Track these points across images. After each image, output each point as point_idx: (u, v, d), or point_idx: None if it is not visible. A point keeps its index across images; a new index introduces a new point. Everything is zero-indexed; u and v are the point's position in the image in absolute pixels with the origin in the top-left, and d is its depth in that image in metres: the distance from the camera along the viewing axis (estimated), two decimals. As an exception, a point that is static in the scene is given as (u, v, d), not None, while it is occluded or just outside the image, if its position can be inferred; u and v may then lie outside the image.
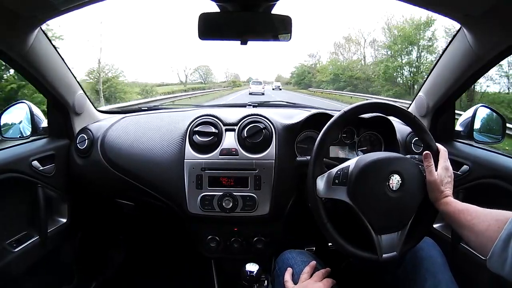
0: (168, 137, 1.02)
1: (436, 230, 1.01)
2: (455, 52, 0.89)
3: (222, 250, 1.02)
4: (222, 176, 0.95)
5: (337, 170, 0.67)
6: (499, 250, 0.52)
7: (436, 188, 0.65)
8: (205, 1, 0.80)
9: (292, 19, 0.84)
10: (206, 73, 39.23)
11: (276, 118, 1.03)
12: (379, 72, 18.49)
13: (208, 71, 39.81)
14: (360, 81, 21.15)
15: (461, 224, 0.60)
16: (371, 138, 1.06)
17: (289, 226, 1.02)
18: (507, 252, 0.51)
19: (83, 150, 1.06)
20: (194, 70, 38.18)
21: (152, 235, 1.46)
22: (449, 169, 0.67)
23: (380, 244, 0.64)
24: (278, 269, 0.80)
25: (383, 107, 0.73)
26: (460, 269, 0.79)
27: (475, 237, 0.57)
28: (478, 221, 0.57)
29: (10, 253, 0.89)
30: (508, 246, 0.51)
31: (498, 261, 0.52)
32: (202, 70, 39.35)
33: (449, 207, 0.62)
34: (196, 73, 38.54)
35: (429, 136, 0.70)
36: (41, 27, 0.85)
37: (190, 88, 25.42)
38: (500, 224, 0.53)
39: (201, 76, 38.99)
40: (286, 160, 0.96)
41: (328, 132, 0.69)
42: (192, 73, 37.88)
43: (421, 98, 1.09)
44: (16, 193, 0.94)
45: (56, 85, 0.99)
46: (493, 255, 0.53)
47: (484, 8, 0.68)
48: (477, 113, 0.98)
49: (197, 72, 38.55)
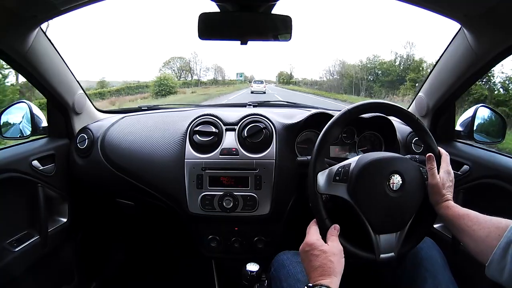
0: (168, 137, 1.02)
1: (436, 230, 1.01)
2: (455, 52, 0.89)
3: (223, 249, 1.02)
4: (223, 175, 0.95)
5: (338, 167, 0.68)
6: (498, 258, 0.52)
7: (438, 191, 0.65)
8: (205, 1, 0.80)
9: (292, 19, 0.84)
10: (181, 68, 31.20)
11: (276, 118, 1.03)
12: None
13: (185, 65, 31.19)
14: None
15: (461, 229, 0.60)
16: (372, 138, 1.06)
17: (289, 225, 1.02)
18: (506, 260, 0.51)
19: (83, 149, 1.06)
20: (164, 64, 30.39)
21: (152, 235, 1.46)
22: (450, 173, 0.67)
23: (378, 244, 0.64)
24: (274, 270, 0.79)
25: (384, 107, 0.73)
26: (460, 270, 0.79)
27: (475, 243, 0.57)
28: (478, 228, 0.57)
29: (10, 252, 0.89)
30: (506, 254, 0.51)
31: (497, 269, 0.52)
32: (176, 62, 30.81)
33: (450, 211, 0.62)
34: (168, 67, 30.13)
35: (430, 139, 0.70)
36: (41, 27, 0.85)
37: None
38: (501, 231, 0.53)
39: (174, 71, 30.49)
40: (286, 160, 0.96)
41: (329, 131, 0.69)
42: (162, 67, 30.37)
43: (421, 98, 1.09)
44: (16, 193, 0.94)
45: (56, 84, 0.99)
46: (492, 263, 0.53)
47: (484, 8, 0.68)
48: (477, 113, 0.98)
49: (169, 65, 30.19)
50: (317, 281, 0.54)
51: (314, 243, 0.60)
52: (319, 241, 0.61)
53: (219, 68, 36.37)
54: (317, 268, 0.56)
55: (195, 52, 37.01)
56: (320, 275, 0.55)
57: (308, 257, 0.59)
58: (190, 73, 31.91)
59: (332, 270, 0.55)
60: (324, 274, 0.55)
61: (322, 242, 0.60)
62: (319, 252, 0.58)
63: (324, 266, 0.56)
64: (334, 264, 0.56)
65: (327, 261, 0.56)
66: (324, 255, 0.57)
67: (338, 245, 0.60)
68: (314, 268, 0.57)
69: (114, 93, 18.46)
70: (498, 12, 0.68)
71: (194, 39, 0.84)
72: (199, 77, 32.42)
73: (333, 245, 0.60)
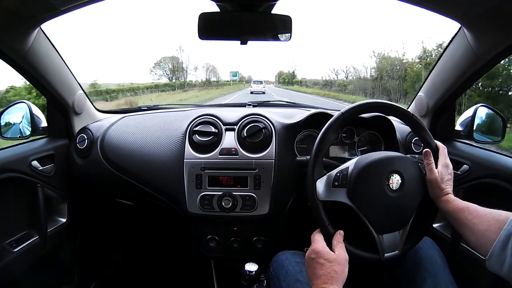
0: (167, 137, 1.02)
1: (436, 230, 1.01)
2: (455, 52, 0.89)
3: (222, 249, 1.02)
4: (222, 175, 0.95)
5: (337, 172, 0.67)
6: (498, 251, 0.52)
7: (437, 185, 0.65)
8: (205, 1, 0.80)
9: (292, 19, 0.84)
10: (173, 69, 28.06)
11: (276, 118, 1.03)
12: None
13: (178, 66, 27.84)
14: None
15: (462, 222, 0.60)
16: (371, 137, 1.06)
17: (288, 225, 1.02)
18: (506, 252, 0.51)
19: (82, 150, 1.07)
20: (155, 65, 27.32)
21: (151, 235, 1.46)
22: (449, 166, 0.67)
23: (382, 244, 0.64)
24: (272, 270, 0.79)
25: (383, 106, 0.73)
26: (460, 269, 0.79)
27: (475, 236, 0.57)
28: (478, 221, 0.57)
29: (10, 253, 0.89)
30: (506, 247, 0.51)
31: (497, 261, 0.52)
32: (168, 63, 27.65)
33: (450, 205, 0.62)
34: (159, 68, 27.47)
35: (427, 134, 0.70)
36: (41, 27, 0.85)
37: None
38: (501, 224, 0.53)
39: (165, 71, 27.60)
40: (285, 160, 0.96)
41: (327, 133, 0.69)
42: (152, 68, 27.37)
43: (421, 98, 1.09)
44: (16, 193, 0.94)
45: (56, 85, 0.99)
46: (492, 255, 0.53)
47: (484, 8, 0.68)
48: (477, 112, 0.98)
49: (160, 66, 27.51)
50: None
51: (320, 251, 0.60)
52: (325, 249, 0.61)
53: (212, 68, 33.20)
54: (321, 276, 0.56)
55: (180, 47, 34.01)
56: (323, 283, 0.55)
57: (313, 264, 0.59)
58: (182, 73, 28.55)
59: (335, 279, 0.55)
60: (327, 282, 0.55)
61: (328, 250, 0.60)
62: (324, 261, 0.58)
63: (328, 275, 0.56)
64: (338, 274, 0.56)
65: (331, 270, 0.56)
66: (329, 264, 0.57)
67: (344, 254, 0.60)
68: (317, 276, 0.57)
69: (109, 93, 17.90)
70: (498, 12, 0.68)
71: (187, 38, 0.83)
72: (185, 78, 28.75)
73: (340, 253, 0.60)
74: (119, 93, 18.47)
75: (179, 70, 28.25)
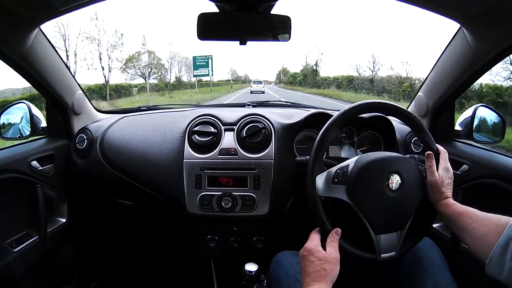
0: (167, 137, 1.02)
1: (435, 230, 1.01)
2: (455, 51, 0.89)
3: (222, 250, 1.02)
4: (221, 176, 0.95)
5: (337, 169, 0.67)
6: (498, 255, 0.52)
7: (437, 189, 0.65)
8: (204, 1, 0.80)
9: (292, 19, 0.84)
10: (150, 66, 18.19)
11: (275, 118, 1.03)
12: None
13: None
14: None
15: (461, 227, 0.60)
16: (371, 137, 1.06)
17: (288, 225, 1.02)
18: (505, 257, 0.51)
19: (82, 150, 1.07)
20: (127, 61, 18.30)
21: (151, 235, 1.46)
22: (449, 170, 0.67)
23: (379, 244, 0.64)
24: (272, 270, 0.79)
25: (383, 106, 0.73)
26: (460, 269, 0.79)
27: (474, 241, 0.57)
28: (478, 225, 0.57)
29: (10, 253, 0.89)
30: (506, 252, 0.51)
31: (497, 266, 0.52)
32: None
33: (449, 209, 0.62)
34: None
35: (429, 136, 0.70)
36: (40, 28, 0.85)
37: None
38: (500, 229, 0.53)
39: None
40: (285, 160, 0.96)
41: (327, 131, 0.69)
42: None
43: (420, 98, 1.09)
44: (16, 193, 0.94)
45: (55, 85, 0.99)
46: (491, 260, 0.53)
47: (483, 7, 0.68)
48: (476, 112, 0.98)
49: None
50: (309, 285, 0.56)
51: (311, 249, 0.61)
52: (317, 248, 0.62)
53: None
54: (310, 273, 0.58)
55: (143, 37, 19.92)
56: (312, 281, 0.57)
57: (304, 262, 0.61)
58: (161, 72, 21.71)
59: (323, 277, 0.57)
60: (315, 280, 0.57)
61: (319, 249, 0.62)
62: (314, 259, 0.59)
63: (317, 273, 0.57)
64: (327, 271, 0.58)
65: (320, 268, 0.58)
66: (319, 262, 0.59)
67: (335, 253, 0.61)
68: (307, 274, 0.58)
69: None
70: (497, 12, 0.67)
71: (177, 35, 0.83)
72: (169, 79, 22.31)
73: (330, 252, 0.61)
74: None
75: (158, 67, 21.93)
